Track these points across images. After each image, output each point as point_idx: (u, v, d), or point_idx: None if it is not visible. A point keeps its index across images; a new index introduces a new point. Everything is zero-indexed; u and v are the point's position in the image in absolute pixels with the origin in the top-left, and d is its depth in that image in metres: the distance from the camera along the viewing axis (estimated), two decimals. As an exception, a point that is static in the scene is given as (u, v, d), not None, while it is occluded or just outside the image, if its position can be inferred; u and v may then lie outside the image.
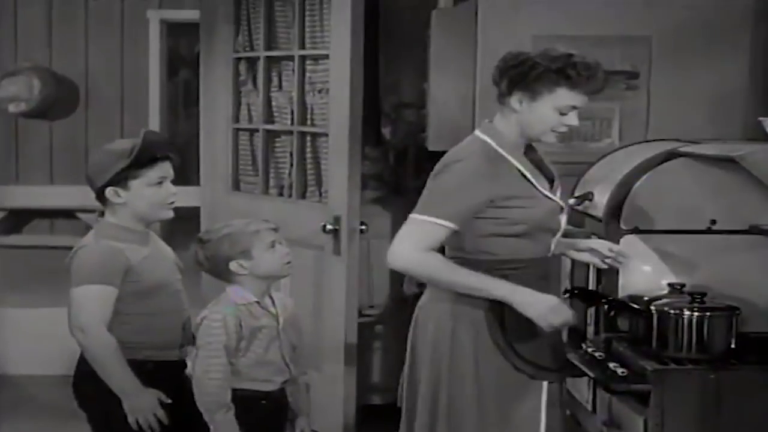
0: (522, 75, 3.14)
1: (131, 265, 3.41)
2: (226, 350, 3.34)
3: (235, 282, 3.44)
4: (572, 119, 3.17)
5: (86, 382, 3.46)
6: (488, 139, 3.23)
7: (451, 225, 3.13)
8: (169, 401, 3.41)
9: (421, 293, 3.41)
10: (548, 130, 3.19)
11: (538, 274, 3.24)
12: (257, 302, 3.43)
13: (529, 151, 3.30)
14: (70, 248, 3.52)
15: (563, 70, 3.11)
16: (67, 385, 3.59)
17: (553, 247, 3.30)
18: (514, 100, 3.17)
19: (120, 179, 3.44)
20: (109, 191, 3.46)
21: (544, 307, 3.13)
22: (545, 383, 3.25)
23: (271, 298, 3.51)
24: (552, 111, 3.15)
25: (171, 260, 3.63)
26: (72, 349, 3.50)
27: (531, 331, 3.20)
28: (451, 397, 3.25)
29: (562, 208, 3.29)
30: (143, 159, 3.44)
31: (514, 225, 3.17)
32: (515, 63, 3.17)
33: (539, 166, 3.30)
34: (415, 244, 3.14)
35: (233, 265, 3.41)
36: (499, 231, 3.18)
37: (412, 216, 3.18)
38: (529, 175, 3.21)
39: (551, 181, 3.30)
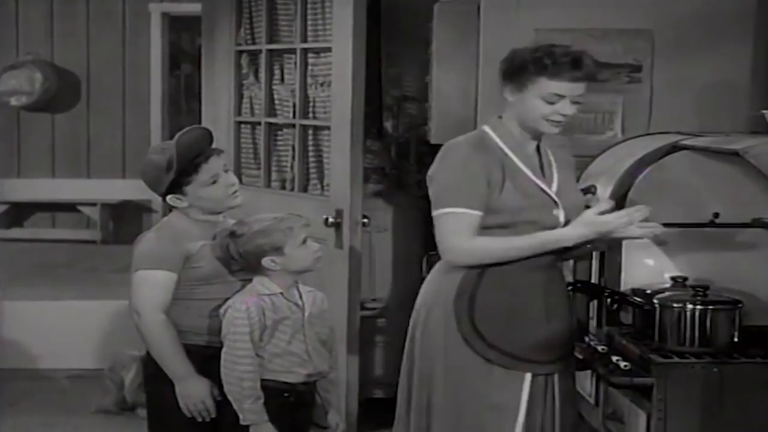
0: (508, 68, 3.20)
1: (191, 252, 3.47)
2: (250, 339, 3.37)
3: (266, 275, 3.46)
4: (565, 108, 3.14)
5: (150, 365, 3.51)
6: (489, 131, 3.27)
7: (475, 211, 3.15)
8: (220, 398, 3.42)
9: None
10: (540, 119, 3.17)
11: (531, 265, 3.20)
12: (281, 293, 3.45)
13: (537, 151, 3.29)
14: (71, 241, 3.54)
15: (540, 60, 3.13)
16: (67, 378, 3.59)
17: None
18: (507, 93, 3.22)
19: (174, 189, 3.50)
20: (170, 199, 3.53)
21: (582, 228, 3.12)
22: (528, 376, 3.18)
23: (299, 290, 3.52)
24: (538, 100, 3.15)
25: None
26: (72, 343, 3.50)
27: (505, 319, 3.18)
28: (422, 385, 3.26)
29: (556, 203, 3.23)
30: (186, 166, 3.48)
31: (498, 214, 3.15)
32: (506, 57, 3.23)
33: (543, 166, 3.28)
34: (460, 236, 3.15)
35: (266, 262, 3.42)
36: (483, 223, 3.16)
37: (440, 211, 3.18)
38: (521, 165, 3.21)
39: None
